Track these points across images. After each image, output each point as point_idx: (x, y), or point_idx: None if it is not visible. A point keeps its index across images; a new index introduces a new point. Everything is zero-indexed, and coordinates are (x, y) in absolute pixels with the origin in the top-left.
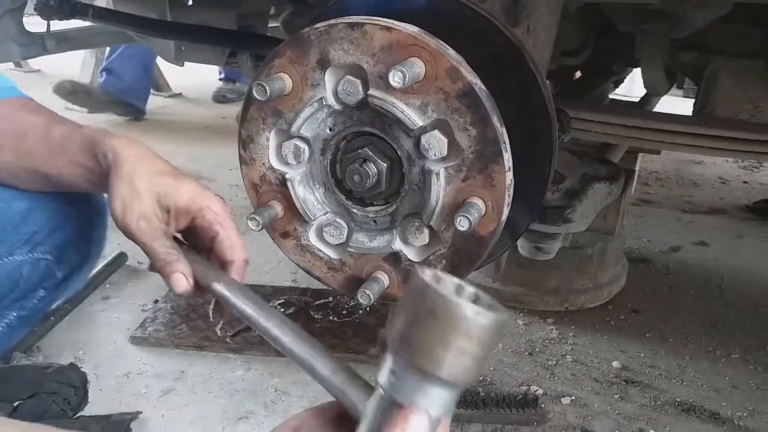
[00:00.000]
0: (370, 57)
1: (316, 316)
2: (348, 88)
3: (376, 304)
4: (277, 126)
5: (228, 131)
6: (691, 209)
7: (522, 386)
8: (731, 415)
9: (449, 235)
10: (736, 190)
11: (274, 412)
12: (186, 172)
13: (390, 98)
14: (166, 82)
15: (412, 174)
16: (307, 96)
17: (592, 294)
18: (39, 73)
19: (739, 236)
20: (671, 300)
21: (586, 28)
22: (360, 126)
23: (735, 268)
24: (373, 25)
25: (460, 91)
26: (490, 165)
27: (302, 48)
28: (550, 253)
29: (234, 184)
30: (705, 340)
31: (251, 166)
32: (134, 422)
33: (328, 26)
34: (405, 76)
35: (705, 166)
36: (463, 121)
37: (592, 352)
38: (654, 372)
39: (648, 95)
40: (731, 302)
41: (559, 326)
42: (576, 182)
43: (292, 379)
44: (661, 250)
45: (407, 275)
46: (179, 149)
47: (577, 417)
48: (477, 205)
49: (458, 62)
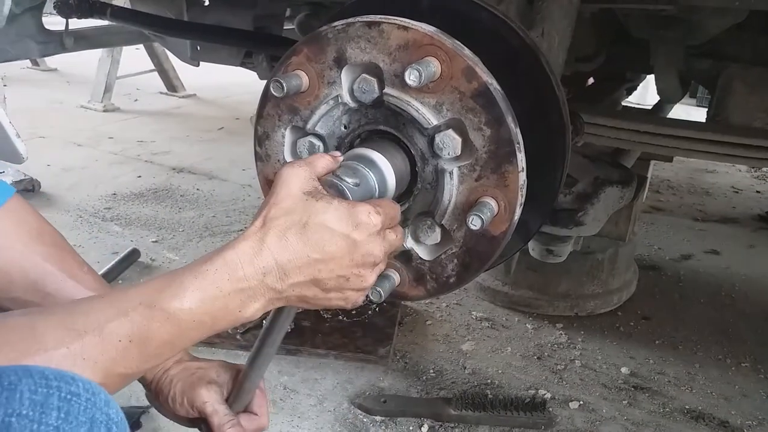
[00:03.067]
0: (387, 56)
1: (325, 315)
2: (364, 87)
3: (385, 303)
4: (292, 123)
5: (241, 132)
6: (703, 218)
7: (530, 390)
8: (740, 424)
9: (461, 234)
10: (748, 199)
11: (282, 410)
12: (199, 172)
13: (405, 97)
14: (180, 83)
15: (425, 173)
16: (323, 93)
17: (602, 300)
18: (56, 72)
19: (751, 245)
20: (682, 308)
21: (601, 34)
22: (375, 124)
23: (747, 277)
24: (390, 24)
25: (475, 90)
26: (504, 165)
27: (319, 46)
28: (561, 256)
29: (247, 184)
30: (715, 348)
31: (266, 162)
32: (144, 416)
33: (345, 25)
34: (421, 74)
35: (717, 175)
36: (478, 120)
37: (601, 358)
38: (663, 379)
39: (661, 103)
40: (742, 311)
41: (569, 331)
42: (588, 185)
43: (301, 377)
44: (672, 257)
45: (419, 274)
46: (193, 149)
47: (584, 422)
48: (490, 204)
49: (474, 62)
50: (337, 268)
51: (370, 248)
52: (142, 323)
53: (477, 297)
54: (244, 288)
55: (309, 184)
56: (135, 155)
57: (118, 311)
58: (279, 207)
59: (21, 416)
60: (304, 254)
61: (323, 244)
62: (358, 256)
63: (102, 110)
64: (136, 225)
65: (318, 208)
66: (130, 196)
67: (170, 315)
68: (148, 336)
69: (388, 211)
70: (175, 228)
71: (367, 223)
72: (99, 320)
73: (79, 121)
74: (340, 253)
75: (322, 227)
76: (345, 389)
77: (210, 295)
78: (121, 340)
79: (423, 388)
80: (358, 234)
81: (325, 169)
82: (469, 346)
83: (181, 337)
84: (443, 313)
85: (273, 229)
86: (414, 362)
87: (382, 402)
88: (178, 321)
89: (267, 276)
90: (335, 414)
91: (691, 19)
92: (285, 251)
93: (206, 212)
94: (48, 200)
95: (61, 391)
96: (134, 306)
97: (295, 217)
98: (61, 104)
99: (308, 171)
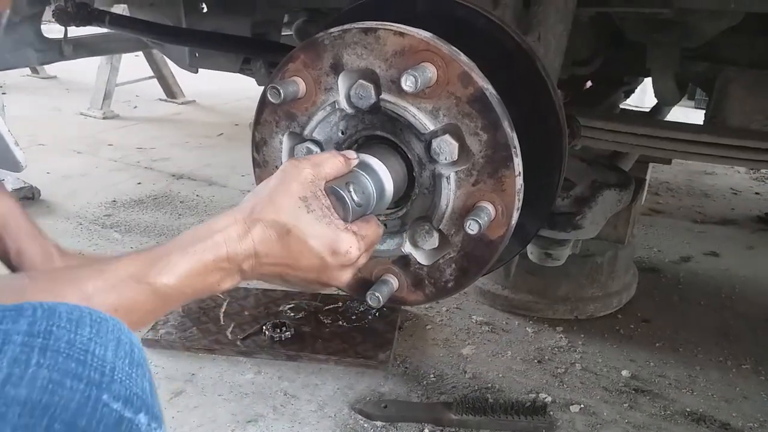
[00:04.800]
0: (383, 62)
1: (325, 320)
2: (361, 92)
3: (385, 308)
4: (290, 129)
5: (240, 138)
6: (702, 220)
7: (531, 394)
8: (742, 426)
9: (459, 238)
10: (747, 201)
11: (282, 416)
12: (198, 178)
13: (402, 102)
14: (180, 89)
15: (422, 178)
16: (320, 100)
17: (601, 303)
18: (55, 80)
19: (750, 247)
20: (682, 310)
21: (597, 37)
22: (372, 130)
23: (746, 278)
24: (386, 30)
25: (471, 96)
26: (501, 169)
27: (316, 52)
28: (560, 260)
29: (246, 190)
30: (716, 350)
31: (264, 168)
32: None
33: (341, 31)
34: (417, 80)
35: (716, 176)
36: (474, 125)
37: (602, 361)
38: (664, 381)
39: (659, 105)
40: (742, 313)
41: (569, 334)
42: (586, 189)
43: (301, 382)
44: (671, 260)
45: (417, 278)
46: (192, 155)
47: (585, 425)
48: (487, 209)
49: (470, 67)
50: (304, 277)
51: (338, 274)
52: (129, 295)
53: (477, 301)
54: (224, 267)
55: (308, 188)
56: (135, 162)
57: (106, 283)
58: (272, 203)
59: (60, 327)
60: (280, 256)
61: (298, 256)
62: (325, 277)
63: (101, 117)
64: (136, 232)
65: (305, 221)
66: (129, 203)
67: (156, 289)
68: (134, 307)
69: (370, 239)
70: (175, 234)
71: (345, 254)
72: (87, 290)
73: (78, 128)
74: (310, 269)
75: (302, 241)
76: (345, 395)
77: (194, 272)
78: (107, 310)
79: (423, 392)
80: (332, 260)
81: (334, 173)
82: (470, 350)
83: (164, 306)
84: (443, 317)
85: (260, 222)
86: (414, 367)
87: (383, 407)
88: (163, 294)
89: (245, 261)
90: (336, 420)
91: (686, 22)
92: (264, 246)
93: (206, 218)
94: (48, 208)
95: (93, 315)
96: (123, 278)
97: (283, 218)
98: (61, 111)
99: (311, 174)
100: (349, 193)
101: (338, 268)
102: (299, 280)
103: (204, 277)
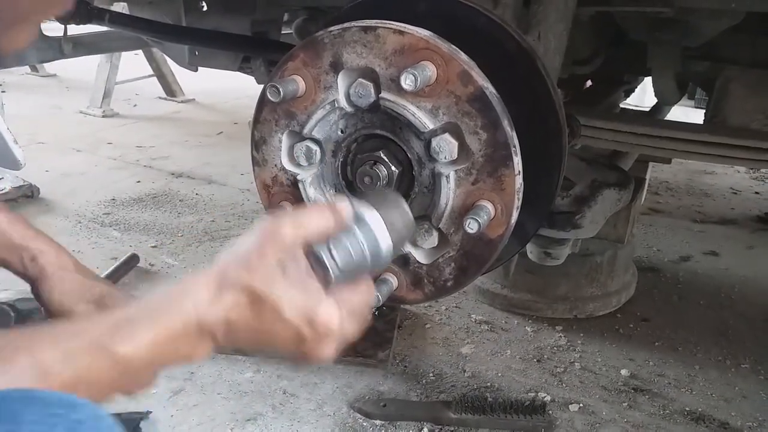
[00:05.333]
0: (383, 60)
1: None
2: (360, 91)
3: (384, 307)
4: (289, 128)
5: (240, 137)
6: (701, 219)
7: (530, 393)
8: (741, 425)
9: (458, 237)
10: (747, 200)
11: (282, 414)
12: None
13: (401, 101)
14: (179, 88)
15: (422, 176)
16: (320, 98)
17: (601, 302)
18: (55, 78)
19: (750, 246)
20: (681, 309)
21: (598, 36)
22: (371, 128)
23: (746, 278)
24: (385, 28)
25: (471, 94)
26: (500, 168)
27: (316, 51)
28: (559, 259)
29: (245, 189)
30: (715, 349)
31: (263, 167)
32: (144, 421)
33: (341, 29)
34: (417, 79)
35: (716, 176)
36: (474, 124)
37: (601, 360)
38: (663, 381)
39: (659, 105)
40: (742, 312)
41: (568, 334)
42: (585, 188)
43: (300, 381)
44: (671, 259)
45: (416, 277)
46: (191, 154)
47: (584, 424)
48: (486, 208)
49: (469, 66)
50: (283, 348)
51: (318, 348)
52: (90, 366)
53: (476, 300)
54: (194, 335)
55: (286, 252)
56: (134, 160)
57: (64, 353)
58: (246, 265)
59: None
60: (253, 325)
61: (272, 326)
62: (305, 348)
63: (101, 115)
64: (136, 230)
65: (280, 287)
66: (129, 201)
67: (120, 359)
68: (95, 379)
69: (356, 307)
70: (175, 233)
71: (324, 325)
72: (44, 360)
73: (78, 126)
74: (285, 340)
75: (275, 310)
76: (344, 393)
77: (162, 340)
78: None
79: (422, 391)
80: (309, 331)
81: (318, 233)
82: (469, 349)
83: (131, 379)
84: (442, 316)
85: (232, 287)
86: (413, 366)
87: (382, 406)
88: (127, 365)
89: (216, 329)
90: (335, 418)
91: (687, 21)
92: (236, 313)
93: (205, 217)
94: (47, 206)
95: (66, 419)
96: (83, 346)
97: (256, 283)
98: (60, 110)
99: (292, 236)
100: (329, 255)
101: (317, 341)
102: (279, 349)
103: (173, 346)
